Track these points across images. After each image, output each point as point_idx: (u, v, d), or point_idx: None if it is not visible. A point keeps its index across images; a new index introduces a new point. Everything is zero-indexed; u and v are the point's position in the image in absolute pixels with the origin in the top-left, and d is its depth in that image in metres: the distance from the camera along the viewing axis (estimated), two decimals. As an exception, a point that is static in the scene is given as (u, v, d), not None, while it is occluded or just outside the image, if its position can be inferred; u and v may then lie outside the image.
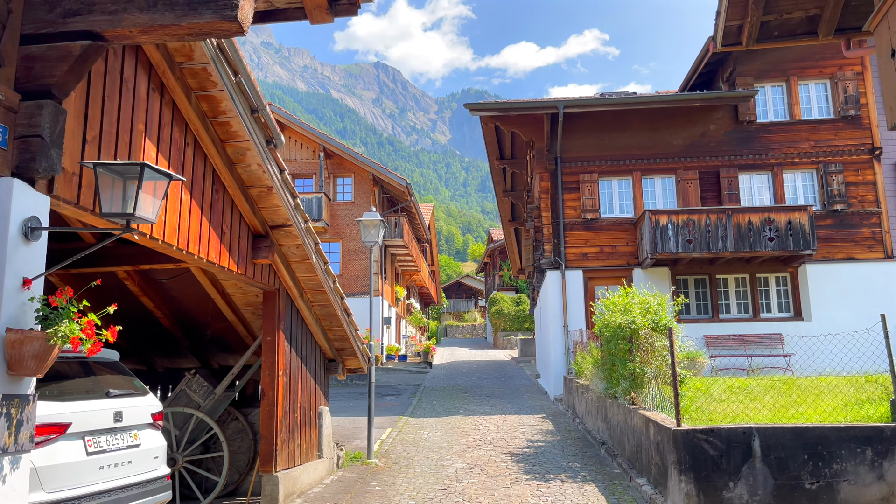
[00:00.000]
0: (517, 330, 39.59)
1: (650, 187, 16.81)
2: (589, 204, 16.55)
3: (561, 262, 16.31)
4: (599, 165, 16.79)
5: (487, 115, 16.35)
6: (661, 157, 16.67)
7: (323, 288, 7.92)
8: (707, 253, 14.89)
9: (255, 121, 5.94)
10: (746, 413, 8.01)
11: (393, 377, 23.61)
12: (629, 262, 16.39)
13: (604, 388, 10.00)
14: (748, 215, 14.96)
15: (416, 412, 15.06)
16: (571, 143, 16.88)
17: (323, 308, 8.37)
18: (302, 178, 28.44)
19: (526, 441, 11.05)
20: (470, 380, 22.11)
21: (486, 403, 16.11)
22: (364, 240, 10.61)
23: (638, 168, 16.71)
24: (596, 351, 11.75)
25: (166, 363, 9.45)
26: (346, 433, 12.50)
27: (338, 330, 8.80)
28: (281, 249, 7.31)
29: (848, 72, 16.38)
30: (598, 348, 11.33)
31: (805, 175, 16.48)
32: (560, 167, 16.71)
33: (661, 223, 15.09)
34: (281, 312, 7.58)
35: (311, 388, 8.53)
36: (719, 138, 16.63)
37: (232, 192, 6.27)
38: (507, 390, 18.81)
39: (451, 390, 19.22)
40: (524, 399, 16.79)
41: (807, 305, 15.79)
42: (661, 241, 15.01)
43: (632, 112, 16.75)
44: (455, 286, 69.18)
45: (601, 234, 16.56)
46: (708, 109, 16.64)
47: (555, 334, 16.21)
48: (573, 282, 16.33)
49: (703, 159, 16.57)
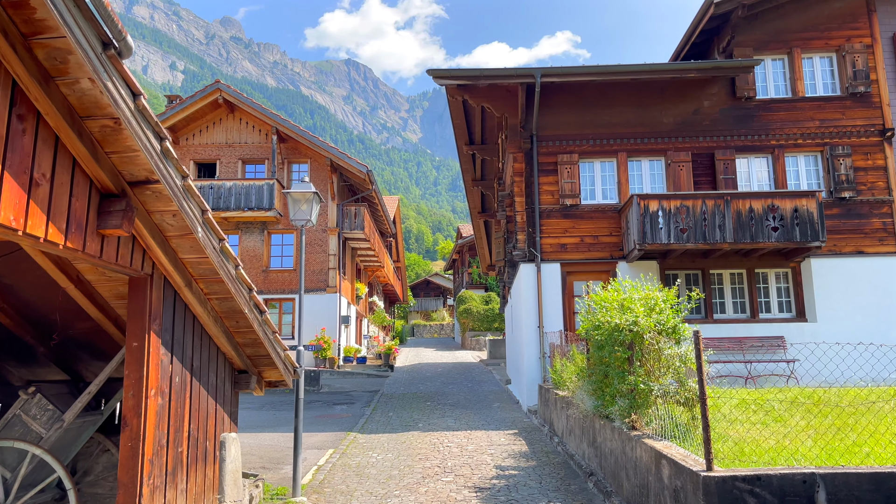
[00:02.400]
0: (486, 330, 37.66)
1: (637, 170, 14.90)
2: (568, 188, 14.57)
3: (536, 254, 14.29)
4: (580, 145, 14.82)
5: (453, 83, 14.25)
6: (650, 136, 14.77)
7: (218, 275, 5.74)
8: (703, 244, 13.02)
9: (77, 5, 3.75)
10: (786, 445, 6.05)
11: (348, 382, 21.40)
12: (613, 255, 14.45)
13: (593, 406, 7.98)
14: (749, 201, 13.12)
15: (367, 426, 12.91)
16: (549, 120, 14.89)
17: (223, 303, 6.18)
18: (253, 164, 26.07)
19: (495, 468, 8.98)
20: (434, 385, 20.01)
21: (450, 415, 14.03)
22: (292, 217, 8.42)
23: (623, 148, 14.78)
24: (580, 358, 9.74)
25: (25, 374, 7.16)
26: (277, 456, 10.30)
27: (248, 332, 6.62)
28: (151, 218, 5.13)
29: (857, 44, 14.67)
30: (584, 355, 9.32)
31: (809, 158, 14.71)
32: (536, 146, 14.70)
33: (650, 210, 13.17)
34: (154, 307, 5.39)
35: (207, 411, 6.35)
36: (714, 116, 14.78)
37: (54, 123, 4.05)
38: (475, 398, 16.76)
39: (411, 398, 17.10)
40: (493, 410, 14.74)
41: (811, 304, 14.02)
42: (651, 230, 13.09)
43: (617, 85, 14.82)
44: (423, 284, 67.07)
45: (582, 223, 14.59)
46: (702, 83, 14.78)
47: (528, 336, 14.20)
48: (550, 276, 14.33)
49: (697, 139, 14.71)
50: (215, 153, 25.92)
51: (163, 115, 24.77)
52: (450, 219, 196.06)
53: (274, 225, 25.41)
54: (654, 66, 13.76)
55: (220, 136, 26.06)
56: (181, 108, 24.75)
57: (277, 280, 25.09)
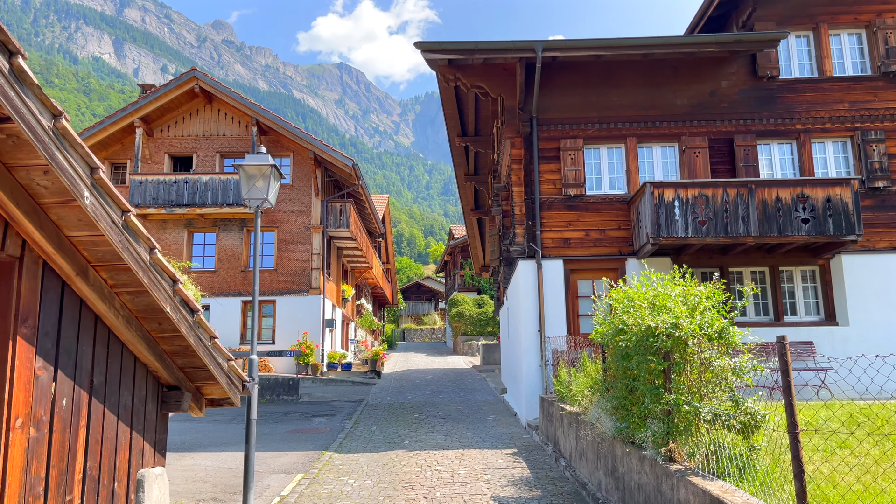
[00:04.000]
0: (479, 334, 36.15)
1: (648, 157, 13.46)
2: (572, 177, 13.10)
3: (536, 250, 12.81)
4: (585, 129, 13.37)
5: (444, 58, 12.75)
6: (662, 119, 13.33)
7: (122, 259, 4.22)
8: (724, 238, 11.58)
9: None
10: (880, 488, 4.59)
11: (331, 391, 19.83)
12: (622, 251, 12.99)
13: (614, 427, 6.48)
14: (776, 190, 11.69)
15: (346, 444, 11.37)
16: (551, 101, 13.43)
17: (137, 298, 4.66)
18: (232, 157, 24.51)
19: (493, 500, 7.47)
20: (423, 394, 18.48)
21: (441, 429, 12.51)
22: (245, 196, 6.92)
23: (633, 133, 13.34)
24: (593, 368, 8.26)
25: None
26: (236, 483, 8.73)
27: (175, 338, 5.09)
28: (13, 177, 3.61)
29: (889, 18, 13.30)
30: (599, 364, 7.84)
31: (838, 145, 13.32)
32: (536, 130, 13.23)
33: (665, 199, 11.72)
34: (25, 303, 3.87)
35: (116, 441, 4.82)
36: (733, 98, 13.37)
37: None
38: (468, 409, 15.24)
39: (398, 409, 15.57)
40: (488, 423, 13.23)
41: (842, 306, 12.60)
42: (667, 222, 11.64)
43: (626, 64, 13.39)
44: (414, 287, 65.52)
45: (587, 216, 13.13)
46: (719, 61, 13.37)
47: (527, 341, 12.71)
48: (551, 274, 12.85)
49: (714, 123, 13.29)
50: (192, 146, 24.35)
51: (135, 105, 23.20)
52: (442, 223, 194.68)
53: (253, 222, 23.80)
54: (668, 39, 12.32)
55: (197, 127, 24.49)
56: (155, 96, 23.17)
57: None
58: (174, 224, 23.70)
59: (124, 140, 24.15)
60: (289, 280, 23.48)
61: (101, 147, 23.70)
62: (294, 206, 23.93)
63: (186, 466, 9.68)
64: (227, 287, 23.37)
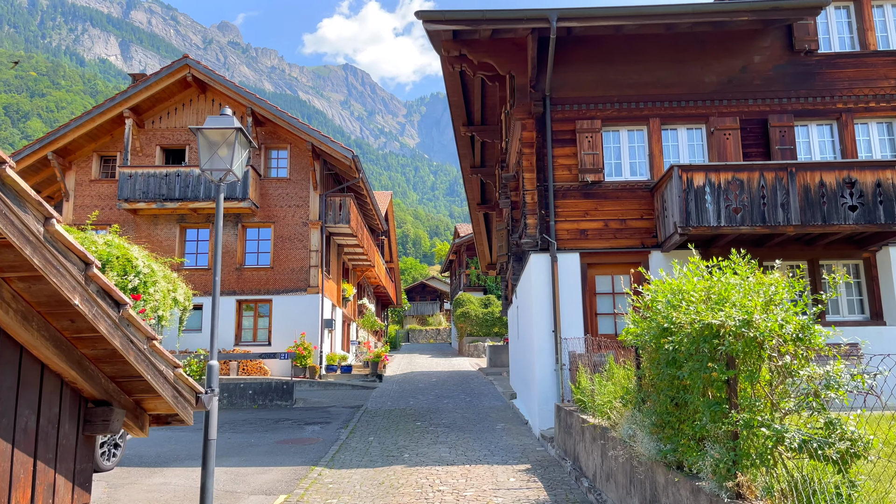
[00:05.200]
0: (485, 335, 34.96)
1: (672, 140, 12.23)
2: (589, 162, 11.89)
3: (551, 241, 11.59)
4: (603, 109, 12.15)
5: (448, 28, 11.54)
6: (689, 98, 12.11)
7: (-1, 229, 3.03)
8: (761, 227, 10.34)
9: None
10: None
11: (328, 395, 18.64)
12: (644, 243, 11.77)
13: (655, 449, 5.27)
14: (819, 174, 10.45)
15: (340, 457, 10.18)
16: (566, 78, 12.23)
17: (33, 286, 3.47)
18: (226, 150, 23.24)
19: (505, 533, 6.27)
20: (426, 399, 17.28)
21: (445, 440, 11.31)
22: (203, 165, 5.75)
23: (656, 113, 12.12)
24: (623, 374, 7.04)
25: None
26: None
27: (96, 340, 3.91)
28: None
29: (940, -13, 12.04)
30: (632, 370, 6.63)
31: (883, 126, 12.07)
32: (549, 111, 12.02)
33: (695, 184, 10.49)
34: None
35: (10, 479, 3.63)
36: (767, 74, 12.13)
37: None
38: (474, 417, 14.04)
39: (399, 416, 14.37)
40: (496, 433, 12.03)
41: (890, 304, 11.34)
42: (697, 210, 10.41)
43: (648, 37, 12.18)
44: (419, 288, 64.35)
45: (605, 204, 11.91)
46: (751, 34, 12.14)
47: (540, 343, 11.49)
48: (567, 269, 11.64)
49: (746, 102, 12.05)
50: (184, 138, 23.22)
51: (125, 94, 22.08)
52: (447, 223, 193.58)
53: (249, 218, 22.68)
54: (696, 6, 11.08)
55: (190, 118, 23.36)
56: (145, 85, 22.04)
57: (253, 279, 22.36)
58: (166, 220, 22.57)
59: (114, 132, 23.04)
60: (286, 278, 22.32)
61: (89, 139, 22.60)
62: (291, 201, 22.77)
63: (154, 486, 8.51)
64: (220, 285, 22.19)
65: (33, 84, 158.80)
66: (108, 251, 16.68)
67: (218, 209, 5.71)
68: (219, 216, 5.59)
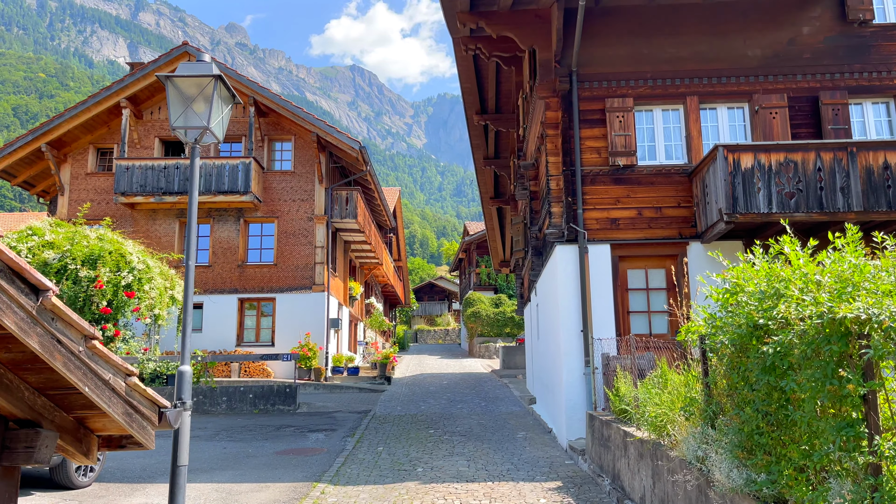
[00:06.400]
0: (496, 335, 33.84)
1: (711, 120, 11.11)
2: (620, 144, 10.78)
3: (580, 231, 10.48)
4: (636, 86, 11.04)
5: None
6: (730, 74, 10.98)
7: None
8: (817, 214, 9.20)
9: None
10: None
11: (334, 399, 17.58)
12: (682, 234, 10.64)
13: (743, 479, 4.16)
14: (883, 154, 9.30)
15: (345, 471, 9.10)
16: (594, 53, 11.12)
17: None
18: (228, 142, 22.37)
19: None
20: (438, 404, 16.20)
21: (462, 451, 10.22)
22: (173, 122, 4.67)
23: (694, 91, 10.99)
24: (678, 380, 5.94)
25: None
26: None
27: (8, 340, 2.85)
28: None
29: None
30: (696, 376, 5.52)
31: (947, 103, 10.90)
32: (576, 88, 10.91)
33: (743, 166, 9.36)
34: None
35: None
36: (817, 47, 10.99)
37: None
38: (492, 424, 12.94)
39: (410, 423, 13.30)
40: (518, 443, 10.93)
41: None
42: (745, 194, 9.29)
43: (684, 7, 11.08)
44: (427, 287, 63.30)
45: (639, 191, 10.79)
46: (798, 3, 11.02)
47: (567, 344, 10.38)
48: (597, 262, 10.53)
49: (794, 78, 10.91)
50: (184, 129, 22.20)
51: (121, 83, 21.11)
52: (454, 224, 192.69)
53: (251, 212, 21.67)
54: (744, -30, 9.96)
55: (190, 109, 22.34)
56: (142, 73, 21.06)
57: (256, 276, 21.33)
58: (164, 214, 21.58)
59: (111, 123, 22.07)
60: (290, 275, 21.29)
61: (85, 130, 21.63)
62: (296, 195, 21.74)
63: (133, 506, 7.46)
64: (222, 283, 21.22)
65: (42, 85, 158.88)
66: (101, 246, 15.70)
67: (192, 169, 4.62)
68: (193, 182, 4.51)
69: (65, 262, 15.05)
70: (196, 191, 4.59)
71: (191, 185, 4.62)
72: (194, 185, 4.57)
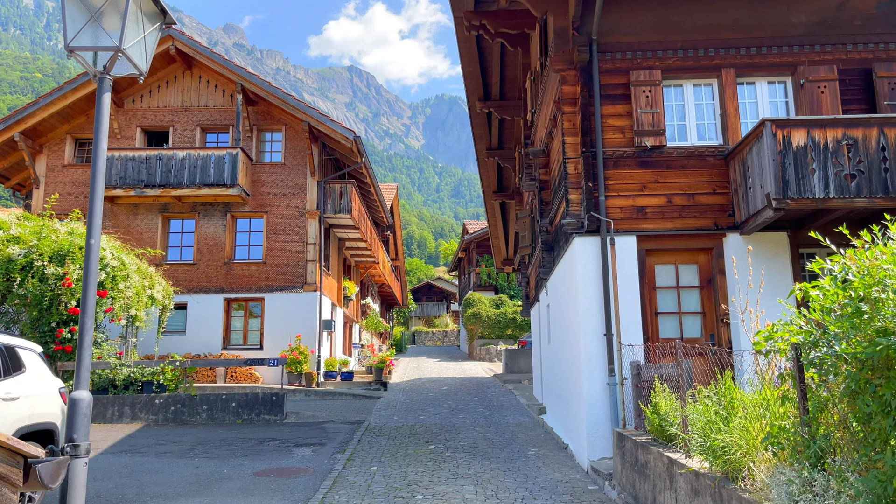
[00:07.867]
0: (497, 338, 32.56)
1: (750, 96, 9.82)
2: (647, 122, 9.49)
3: (604, 220, 9.18)
4: (664, 58, 9.75)
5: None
6: (771, 44, 9.70)
7: None
8: (882, 199, 7.92)
9: None
10: None
11: (325, 407, 16.25)
12: (718, 224, 9.35)
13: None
14: (957, 130, 8.03)
15: (332, 497, 7.78)
16: (618, 20, 9.83)
17: None
18: (215, 132, 21.06)
19: None
20: (439, 413, 14.89)
21: (467, 472, 8.91)
22: (69, 41, 3.30)
23: (730, 62, 9.70)
24: (752, 399, 4.64)
25: None
26: None
27: None
28: None
29: None
30: (789, 392, 4.22)
31: None
32: (597, 59, 9.62)
33: (794, 145, 8.08)
34: None
35: None
36: (869, 13, 9.71)
37: None
38: (499, 438, 11.63)
39: (407, 435, 11.99)
40: (530, 461, 9.62)
41: None
42: (798, 176, 8.00)
43: (719, -31, 9.80)
44: (425, 288, 61.97)
45: (668, 175, 9.50)
46: (849, -35, 9.74)
47: (588, 350, 9.08)
48: (621, 256, 9.23)
49: (844, 48, 9.64)
50: (168, 118, 20.91)
51: (100, 69, 19.75)
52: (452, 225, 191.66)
53: (239, 206, 20.36)
54: (792, -80, 8.68)
55: (174, 97, 21.05)
56: (122, 59, 19.69)
57: (243, 275, 20.01)
58: (147, 209, 20.25)
59: (89, 111, 20.73)
60: (280, 274, 19.97)
61: (61, 119, 20.31)
62: (286, 188, 20.43)
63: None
64: (207, 282, 19.90)
65: (39, 86, 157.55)
66: (70, 241, 14.34)
67: (99, 117, 3.30)
68: (101, 129, 3.21)
69: (31, 257, 13.75)
70: (104, 142, 3.29)
71: (96, 133, 3.28)
72: (102, 131, 3.26)
